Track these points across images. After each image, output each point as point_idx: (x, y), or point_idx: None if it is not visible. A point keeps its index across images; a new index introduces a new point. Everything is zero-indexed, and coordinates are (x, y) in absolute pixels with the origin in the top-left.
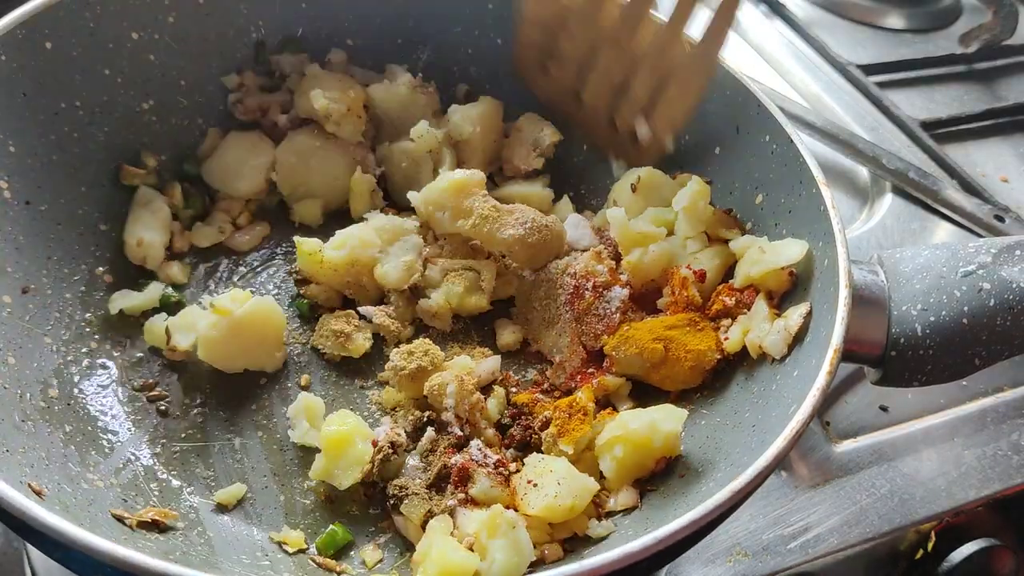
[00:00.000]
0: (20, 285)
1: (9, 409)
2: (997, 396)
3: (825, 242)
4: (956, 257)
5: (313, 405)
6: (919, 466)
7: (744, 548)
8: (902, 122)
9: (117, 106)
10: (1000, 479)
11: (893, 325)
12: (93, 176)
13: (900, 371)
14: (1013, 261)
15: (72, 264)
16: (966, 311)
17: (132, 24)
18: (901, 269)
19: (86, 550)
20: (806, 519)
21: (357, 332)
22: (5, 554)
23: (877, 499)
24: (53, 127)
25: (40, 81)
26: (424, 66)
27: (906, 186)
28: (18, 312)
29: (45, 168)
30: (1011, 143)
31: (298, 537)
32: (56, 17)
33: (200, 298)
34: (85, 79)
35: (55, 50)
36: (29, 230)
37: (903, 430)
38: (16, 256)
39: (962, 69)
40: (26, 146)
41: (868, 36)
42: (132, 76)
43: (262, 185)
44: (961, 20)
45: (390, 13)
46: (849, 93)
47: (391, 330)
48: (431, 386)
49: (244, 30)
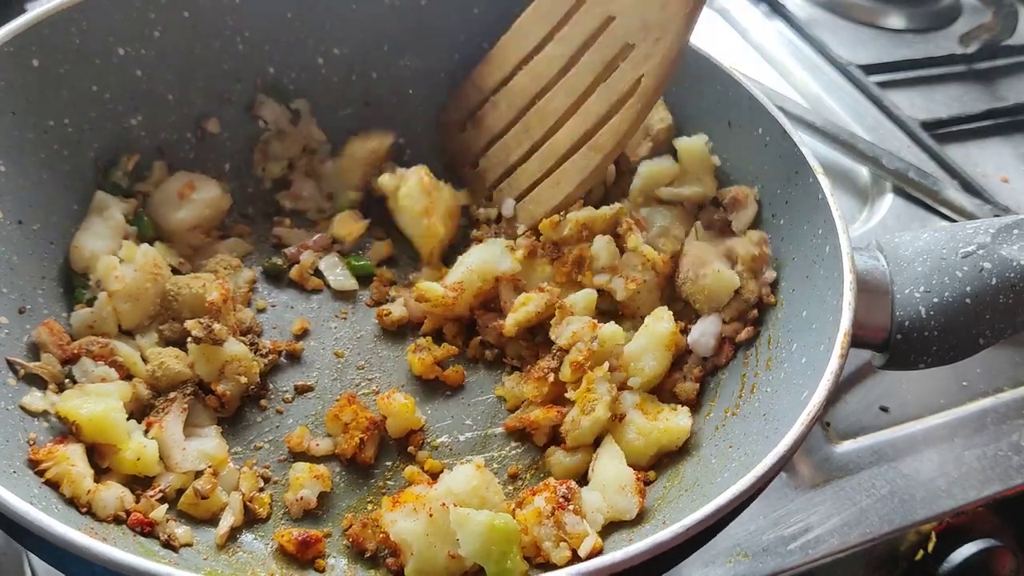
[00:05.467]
0: (16, 306)
1: (13, 430)
2: (997, 396)
3: (826, 230)
4: (955, 239)
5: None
6: (919, 467)
7: (744, 549)
8: (902, 122)
9: (106, 122)
10: (1000, 480)
11: (897, 309)
12: (84, 193)
13: (906, 354)
14: (1012, 240)
15: (67, 284)
16: (969, 291)
17: (118, 39)
18: (901, 253)
19: (84, 555)
20: (806, 520)
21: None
22: (5, 554)
23: (877, 500)
24: (43, 145)
25: (28, 99)
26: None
27: (906, 186)
28: (16, 333)
29: (36, 187)
30: (1011, 143)
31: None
32: (42, 34)
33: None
34: (73, 96)
35: (42, 67)
36: (22, 250)
37: (903, 430)
38: (11, 276)
39: (962, 69)
40: (16, 165)
41: (868, 36)
42: (120, 91)
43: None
44: (961, 20)
45: (377, 22)
46: (849, 93)
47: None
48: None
49: (230, 41)
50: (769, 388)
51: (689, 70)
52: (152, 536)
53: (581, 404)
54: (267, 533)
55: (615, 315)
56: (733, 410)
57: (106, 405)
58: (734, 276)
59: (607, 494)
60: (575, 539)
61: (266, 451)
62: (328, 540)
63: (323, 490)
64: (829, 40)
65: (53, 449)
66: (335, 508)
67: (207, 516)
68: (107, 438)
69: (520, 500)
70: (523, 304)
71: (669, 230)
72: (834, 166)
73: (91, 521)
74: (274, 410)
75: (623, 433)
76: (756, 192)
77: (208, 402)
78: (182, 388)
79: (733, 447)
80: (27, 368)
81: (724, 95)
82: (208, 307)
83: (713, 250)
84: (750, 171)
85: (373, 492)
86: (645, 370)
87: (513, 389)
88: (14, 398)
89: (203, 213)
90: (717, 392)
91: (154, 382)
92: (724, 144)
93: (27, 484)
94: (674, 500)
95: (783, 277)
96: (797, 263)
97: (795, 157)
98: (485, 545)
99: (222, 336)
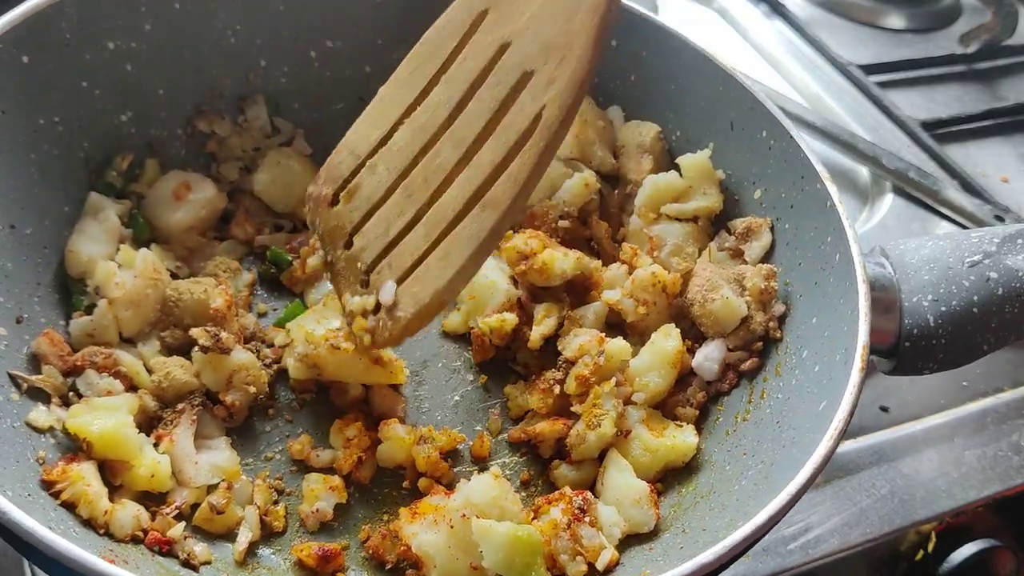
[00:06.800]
0: (14, 315)
1: (22, 449)
2: (997, 396)
3: (835, 238)
4: (961, 247)
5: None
6: (919, 467)
7: None
8: (902, 122)
9: (96, 119)
10: (1000, 480)
11: (905, 316)
12: (76, 194)
13: (914, 361)
14: (1017, 250)
15: (62, 289)
16: (976, 300)
17: (108, 33)
18: (907, 260)
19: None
20: (806, 520)
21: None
22: (5, 555)
23: (877, 500)
24: (34, 145)
25: (18, 98)
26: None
27: (906, 186)
28: (15, 344)
29: (28, 189)
30: (1011, 143)
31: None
32: (31, 30)
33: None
34: (63, 93)
35: (31, 65)
36: (16, 256)
37: (903, 430)
38: (6, 284)
39: (962, 69)
40: (7, 167)
41: (868, 36)
42: (110, 88)
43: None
44: (961, 20)
45: (370, 15)
46: (849, 93)
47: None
48: None
49: (221, 35)
50: (780, 395)
51: (691, 70)
52: (171, 555)
53: (587, 419)
54: (284, 547)
55: (622, 328)
56: (744, 416)
57: (117, 420)
58: (742, 304)
59: (622, 508)
60: (592, 552)
61: (277, 462)
62: (346, 553)
63: (339, 501)
64: (829, 40)
65: (66, 468)
66: (350, 519)
67: (223, 531)
68: (119, 455)
69: (536, 508)
70: (545, 315)
71: (682, 248)
72: (834, 166)
73: (110, 542)
74: (283, 419)
75: (629, 449)
76: (771, 221)
77: (216, 412)
78: (189, 399)
79: (748, 454)
80: (30, 382)
81: (726, 96)
82: (212, 314)
83: (723, 274)
84: (753, 173)
85: (387, 503)
86: (650, 386)
87: (518, 399)
88: (19, 414)
89: (200, 214)
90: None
91: (160, 393)
92: (727, 146)
93: (43, 507)
94: (690, 507)
95: (790, 281)
96: (804, 268)
97: (800, 161)
98: (509, 556)
99: (229, 345)
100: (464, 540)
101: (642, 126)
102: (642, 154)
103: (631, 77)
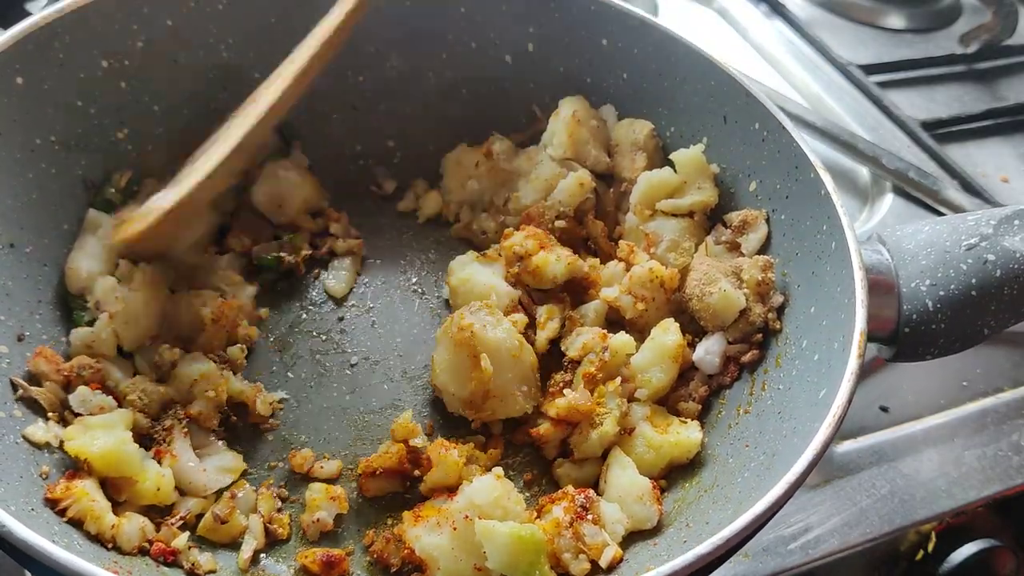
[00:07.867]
0: (15, 333)
1: (25, 464)
2: (997, 396)
3: (831, 226)
4: (957, 231)
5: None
6: (919, 467)
7: (744, 549)
8: (902, 122)
9: (92, 137)
10: (1000, 479)
11: (904, 302)
12: (74, 212)
13: (914, 346)
14: (1013, 231)
15: (63, 307)
16: (974, 283)
17: (101, 52)
18: (904, 246)
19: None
20: (806, 520)
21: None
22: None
23: (877, 500)
24: (31, 164)
25: (14, 118)
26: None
27: (906, 186)
28: (16, 362)
29: (26, 208)
30: (1011, 143)
31: None
32: (26, 51)
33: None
34: (59, 112)
35: (27, 85)
36: (16, 274)
37: (903, 430)
38: (7, 303)
39: (962, 69)
40: (6, 186)
41: (868, 36)
42: (105, 105)
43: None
44: (961, 20)
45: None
46: (849, 93)
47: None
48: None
49: (214, 49)
50: (781, 386)
51: (683, 65)
52: (176, 565)
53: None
54: (289, 554)
55: (622, 325)
56: (746, 408)
57: (116, 438)
58: (740, 296)
59: (625, 505)
60: (594, 550)
61: (280, 471)
62: (351, 558)
63: (340, 512)
64: (829, 40)
65: (70, 486)
66: (353, 525)
67: (227, 540)
68: (122, 472)
69: (539, 507)
70: (548, 318)
71: (679, 243)
72: (834, 166)
73: (117, 555)
74: (285, 429)
75: (632, 446)
76: (766, 213)
77: (202, 422)
78: (173, 412)
79: (750, 446)
80: (28, 390)
81: (719, 90)
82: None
83: (721, 267)
84: (747, 166)
85: (391, 507)
86: (652, 381)
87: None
88: (22, 431)
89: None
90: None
91: (144, 408)
92: (720, 140)
93: (47, 522)
94: (694, 502)
95: (788, 271)
96: (801, 258)
97: (793, 152)
98: (512, 557)
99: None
100: (468, 541)
101: (635, 124)
102: (636, 151)
103: (623, 75)
